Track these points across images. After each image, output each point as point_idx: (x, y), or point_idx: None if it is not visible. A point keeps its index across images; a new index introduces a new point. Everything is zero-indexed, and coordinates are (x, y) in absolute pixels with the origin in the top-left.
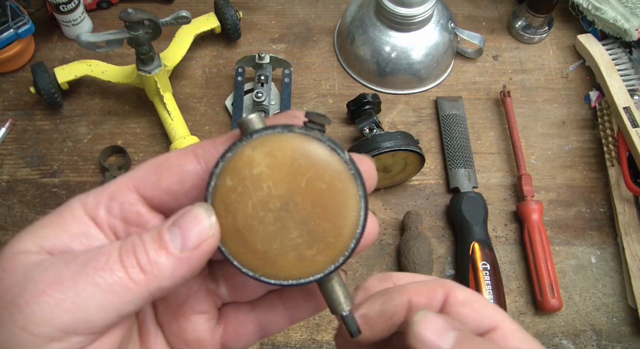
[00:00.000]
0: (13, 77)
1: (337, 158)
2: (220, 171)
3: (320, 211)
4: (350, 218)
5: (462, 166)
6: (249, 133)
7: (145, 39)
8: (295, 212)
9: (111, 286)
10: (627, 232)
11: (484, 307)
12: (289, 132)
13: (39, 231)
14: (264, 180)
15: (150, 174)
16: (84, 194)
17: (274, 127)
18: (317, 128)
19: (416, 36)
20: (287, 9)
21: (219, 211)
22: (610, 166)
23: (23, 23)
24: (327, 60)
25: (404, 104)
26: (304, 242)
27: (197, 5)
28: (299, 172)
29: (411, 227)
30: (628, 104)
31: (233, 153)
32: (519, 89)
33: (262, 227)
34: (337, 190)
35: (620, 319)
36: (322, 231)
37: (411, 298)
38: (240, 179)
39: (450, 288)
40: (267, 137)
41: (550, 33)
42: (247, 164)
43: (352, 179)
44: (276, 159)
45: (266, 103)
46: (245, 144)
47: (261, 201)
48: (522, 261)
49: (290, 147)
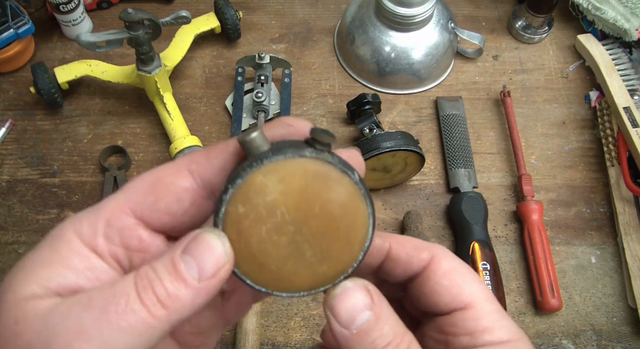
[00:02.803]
0: (13, 77)
1: (348, 180)
2: (230, 198)
3: (333, 232)
4: (360, 235)
5: (462, 166)
6: (258, 157)
7: (145, 39)
8: (309, 235)
9: (135, 327)
10: (627, 232)
11: (465, 281)
12: (300, 157)
13: (39, 271)
14: (277, 207)
15: (146, 195)
16: (75, 220)
17: (284, 151)
18: (326, 149)
19: (416, 36)
20: (287, 9)
21: (231, 236)
22: (610, 166)
23: (23, 23)
24: (327, 60)
25: (404, 104)
26: (316, 260)
27: (197, 5)
28: (313, 198)
29: (411, 227)
30: (628, 104)
31: (243, 179)
32: (519, 89)
33: (276, 250)
34: (349, 211)
35: (620, 319)
36: (334, 250)
37: (392, 246)
38: (253, 206)
39: (437, 254)
40: (278, 163)
41: (550, 33)
42: (260, 191)
43: (362, 198)
44: (289, 186)
45: (266, 103)
46: (256, 170)
47: (275, 227)
48: (522, 261)
49: (303, 174)
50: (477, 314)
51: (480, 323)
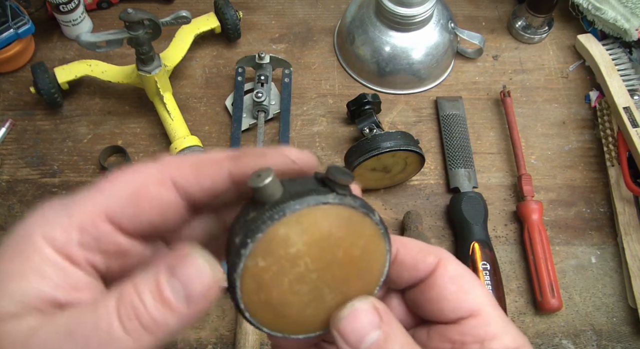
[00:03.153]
0: (13, 77)
1: (370, 222)
2: (250, 252)
3: (354, 273)
4: (377, 271)
5: (462, 166)
6: (278, 208)
7: (145, 39)
8: (330, 280)
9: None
10: (627, 232)
11: (472, 287)
12: (323, 204)
13: (11, 285)
14: (301, 257)
15: (126, 205)
16: (43, 223)
17: (305, 199)
18: (347, 192)
19: (416, 36)
20: (287, 9)
21: (249, 289)
22: (610, 166)
23: (23, 23)
24: (327, 60)
25: (404, 104)
26: (336, 303)
27: (197, 5)
28: (336, 245)
29: (411, 227)
30: (628, 104)
31: (264, 232)
32: (519, 89)
33: (297, 299)
34: (369, 252)
35: (620, 319)
36: (353, 289)
37: (399, 250)
38: (276, 260)
39: (443, 257)
40: (301, 213)
41: (550, 33)
42: (282, 244)
43: (382, 238)
44: (313, 236)
45: (266, 103)
46: (277, 222)
47: (297, 277)
48: (522, 261)
49: (327, 222)
50: (485, 321)
51: (489, 330)
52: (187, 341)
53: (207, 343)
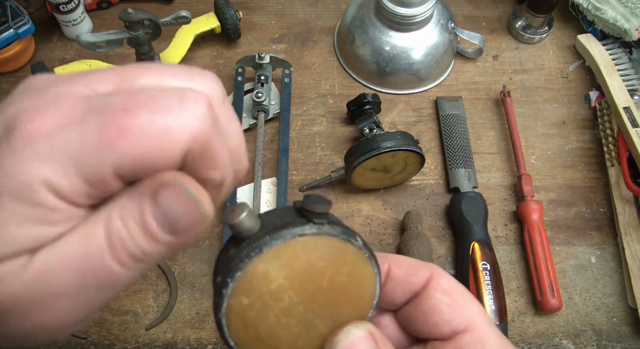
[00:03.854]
0: (13, 77)
1: (352, 248)
2: (231, 291)
3: (342, 300)
4: (368, 295)
5: (462, 166)
6: (255, 245)
7: (145, 39)
8: (319, 309)
9: (113, 283)
10: (627, 232)
11: (466, 302)
12: (300, 236)
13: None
14: (283, 291)
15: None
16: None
17: (281, 233)
18: (325, 220)
19: (416, 36)
20: (287, 9)
21: (236, 327)
22: (610, 166)
23: (23, 23)
24: (327, 60)
25: (404, 104)
26: (329, 330)
27: (197, 5)
28: (319, 275)
29: (411, 227)
30: (628, 104)
31: (243, 271)
32: (519, 89)
33: (286, 332)
34: (356, 277)
35: (620, 319)
36: (345, 315)
37: (391, 267)
38: (258, 296)
39: (435, 272)
40: (278, 248)
41: (550, 33)
42: (263, 281)
43: (367, 261)
44: (293, 269)
45: (266, 103)
46: (256, 259)
47: (283, 311)
48: (522, 261)
49: (305, 254)
50: (481, 337)
51: (487, 346)
52: (187, 341)
53: (207, 343)
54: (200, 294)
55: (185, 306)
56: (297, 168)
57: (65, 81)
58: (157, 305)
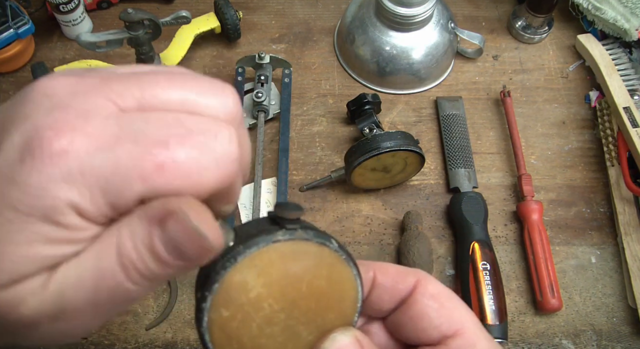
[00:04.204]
0: (13, 77)
1: (328, 250)
2: (210, 305)
3: (324, 305)
4: (350, 298)
5: (462, 166)
6: (230, 256)
7: (145, 39)
8: (301, 316)
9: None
10: (627, 232)
11: (454, 306)
12: (274, 242)
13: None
14: (263, 300)
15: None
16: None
17: (255, 241)
18: (298, 226)
19: (416, 36)
20: (287, 9)
21: (220, 340)
22: (610, 166)
23: (23, 23)
24: (327, 60)
25: (404, 104)
26: (314, 337)
27: (197, 5)
28: (297, 280)
29: (411, 227)
30: (628, 104)
31: (219, 283)
32: (519, 89)
33: (271, 341)
34: (335, 280)
35: (620, 319)
36: (329, 321)
37: (376, 275)
38: (238, 307)
39: (423, 278)
40: (253, 256)
41: (550, 33)
42: (241, 290)
43: (345, 264)
44: (270, 276)
45: (266, 103)
46: (231, 269)
47: (265, 320)
48: (522, 261)
49: (281, 260)
50: (471, 340)
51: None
52: (187, 341)
53: None
54: None
55: (185, 306)
56: (297, 168)
57: (85, 94)
58: (157, 305)
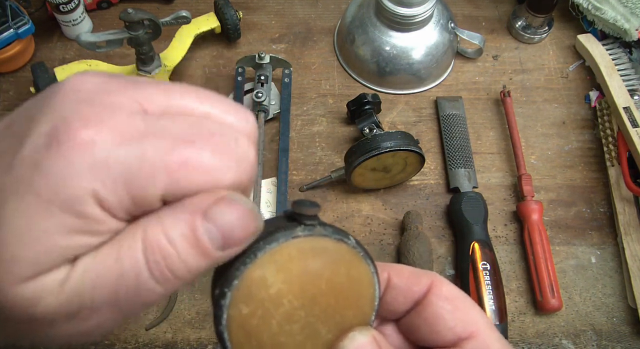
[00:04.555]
0: (13, 77)
1: (346, 247)
2: (230, 301)
3: (343, 302)
4: (368, 296)
5: (462, 166)
6: (249, 251)
7: (145, 39)
8: (320, 313)
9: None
10: (627, 232)
11: (468, 308)
12: (293, 238)
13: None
14: (283, 296)
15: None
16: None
17: (274, 237)
18: (316, 222)
19: (416, 36)
20: (287, 9)
21: (239, 338)
22: (610, 166)
23: (23, 23)
24: (327, 60)
25: (404, 104)
26: (333, 336)
27: (197, 5)
28: (317, 277)
29: (411, 227)
30: (628, 104)
31: (239, 279)
32: (519, 89)
33: (290, 339)
34: (354, 277)
35: (620, 319)
36: (348, 319)
37: (391, 276)
38: (258, 303)
39: (437, 280)
40: (273, 252)
41: (550, 33)
42: (261, 286)
43: (363, 261)
44: (291, 272)
45: (266, 103)
46: (251, 265)
47: (285, 317)
48: (522, 261)
49: (301, 256)
50: (485, 343)
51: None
52: (187, 341)
53: (207, 343)
54: (200, 294)
55: (185, 306)
56: (297, 168)
57: (114, 92)
58: (157, 305)
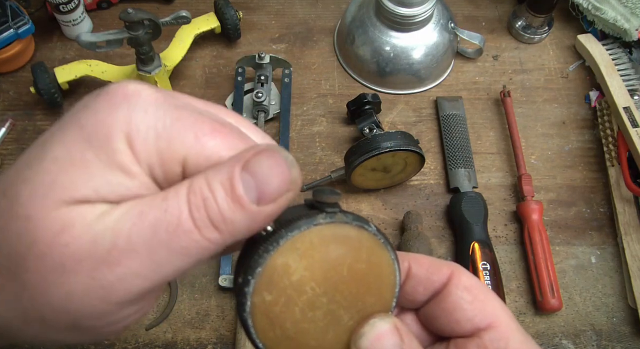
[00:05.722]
0: (13, 77)
1: (367, 234)
2: (253, 289)
3: (364, 289)
4: (389, 283)
5: (462, 166)
6: (272, 239)
7: (145, 39)
8: (342, 300)
9: (187, 250)
10: (627, 232)
11: (488, 299)
12: (315, 226)
13: (89, 174)
14: (306, 283)
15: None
16: (126, 124)
17: (297, 225)
18: (337, 209)
19: (416, 36)
20: (287, 9)
21: (263, 325)
22: (610, 166)
23: (23, 23)
24: (327, 60)
25: (404, 104)
26: (354, 322)
27: (197, 5)
28: (339, 263)
29: (411, 227)
30: (628, 104)
31: (263, 266)
32: (519, 89)
33: (313, 326)
34: (375, 264)
35: (620, 319)
36: (369, 305)
37: (411, 265)
38: (281, 290)
39: (456, 270)
40: (295, 239)
41: (550, 33)
42: (284, 274)
43: (383, 247)
44: (313, 259)
45: (266, 103)
46: (274, 253)
47: (308, 304)
48: (522, 261)
49: (323, 242)
50: (505, 333)
51: (510, 344)
52: (187, 341)
53: (207, 343)
54: (200, 294)
55: (185, 306)
56: None
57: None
58: (157, 305)
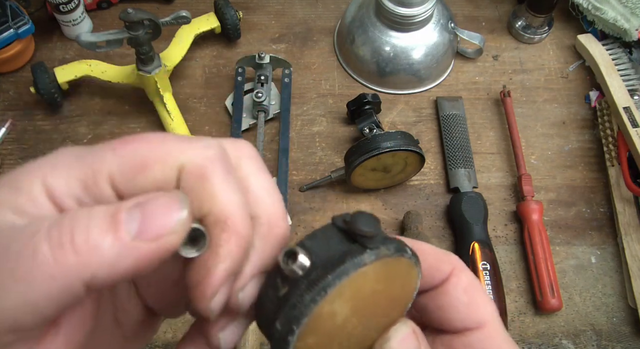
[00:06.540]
0: (13, 77)
1: (406, 261)
2: (297, 337)
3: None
4: (410, 293)
5: (462, 166)
6: (319, 287)
7: (145, 39)
8: (374, 323)
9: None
10: (627, 232)
11: (483, 302)
12: (363, 266)
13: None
14: (347, 321)
15: (131, 174)
16: (48, 171)
17: (345, 271)
18: (379, 242)
19: (416, 36)
20: (287, 9)
21: None
22: (610, 166)
23: (23, 23)
24: (327, 60)
25: (404, 104)
26: (378, 334)
27: (197, 5)
28: (380, 297)
29: (411, 227)
30: (628, 104)
31: (309, 317)
32: (519, 89)
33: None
34: (406, 285)
35: (620, 319)
36: (392, 317)
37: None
38: (324, 333)
39: (458, 266)
40: (343, 285)
41: (550, 33)
42: (329, 319)
43: (414, 267)
44: (357, 300)
45: (266, 103)
46: (321, 302)
47: (346, 336)
48: (522, 261)
49: (369, 283)
50: (491, 334)
51: (494, 344)
52: None
53: None
54: None
55: None
56: (297, 168)
57: None
58: None
